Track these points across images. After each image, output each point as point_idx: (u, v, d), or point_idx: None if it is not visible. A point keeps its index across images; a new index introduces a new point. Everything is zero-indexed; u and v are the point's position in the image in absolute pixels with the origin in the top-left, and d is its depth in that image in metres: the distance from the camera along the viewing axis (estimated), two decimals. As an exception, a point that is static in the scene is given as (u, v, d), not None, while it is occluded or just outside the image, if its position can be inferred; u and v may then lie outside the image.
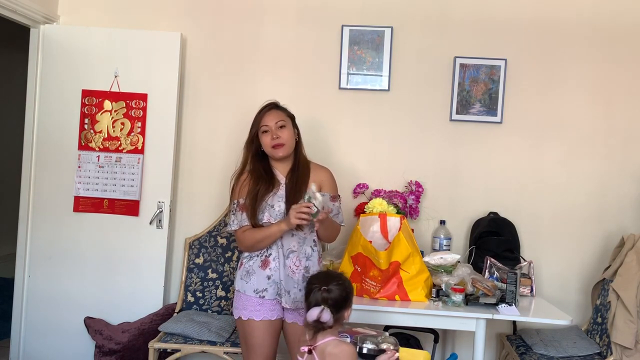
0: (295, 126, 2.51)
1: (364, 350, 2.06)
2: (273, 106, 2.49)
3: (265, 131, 2.43)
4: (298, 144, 2.51)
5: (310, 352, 2.02)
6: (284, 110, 2.51)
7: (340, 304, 2.05)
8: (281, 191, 2.42)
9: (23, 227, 3.39)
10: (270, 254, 2.40)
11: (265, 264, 2.39)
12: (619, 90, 3.33)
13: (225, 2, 3.44)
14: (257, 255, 2.41)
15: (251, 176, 2.45)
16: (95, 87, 3.32)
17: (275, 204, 2.39)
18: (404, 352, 2.24)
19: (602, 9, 3.32)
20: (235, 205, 2.45)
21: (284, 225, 2.31)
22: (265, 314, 2.38)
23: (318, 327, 2.01)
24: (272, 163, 2.50)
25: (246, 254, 2.45)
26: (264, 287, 2.38)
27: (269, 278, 2.38)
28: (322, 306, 2.01)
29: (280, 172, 2.48)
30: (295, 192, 2.38)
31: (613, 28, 3.31)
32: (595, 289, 3.12)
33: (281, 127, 2.43)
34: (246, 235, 2.39)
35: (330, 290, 2.04)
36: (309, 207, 2.22)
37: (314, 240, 2.47)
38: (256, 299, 2.38)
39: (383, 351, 2.07)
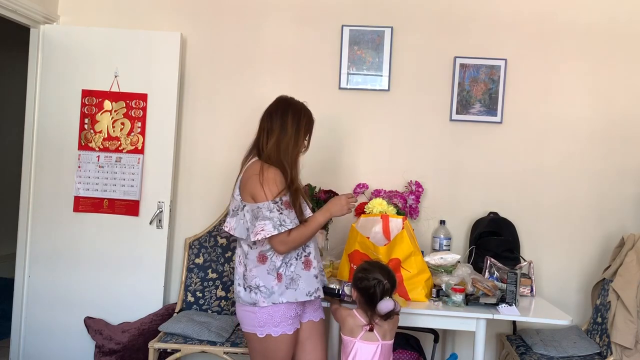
0: None
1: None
2: None
3: (308, 144, 2.39)
4: None
5: (371, 329, 2.30)
6: None
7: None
8: None
9: (23, 227, 3.39)
10: (309, 253, 2.31)
11: (307, 264, 2.30)
12: (618, 90, 3.33)
13: (225, 2, 3.44)
14: (296, 259, 2.28)
15: (286, 176, 2.25)
16: (95, 87, 3.32)
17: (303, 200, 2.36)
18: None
19: (602, 9, 3.31)
20: (280, 204, 2.18)
21: (332, 214, 2.32)
22: (295, 324, 2.30)
23: (389, 315, 2.29)
24: None
25: (279, 263, 2.23)
26: (316, 287, 2.29)
27: (316, 277, 2.31)
28: (392, 298, 2.28)
29: None
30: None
31: (613, 28, 3.32)
32: (595, 289, 3.12)
33: None
34: (293, 235, 2.19)
35: (390, 283, 2.30)
36: (354, 198, 2.37)
37: None
38: (293, 310, 2.26)
39: None
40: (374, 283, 2.27)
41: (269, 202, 2.18)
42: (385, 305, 2.25)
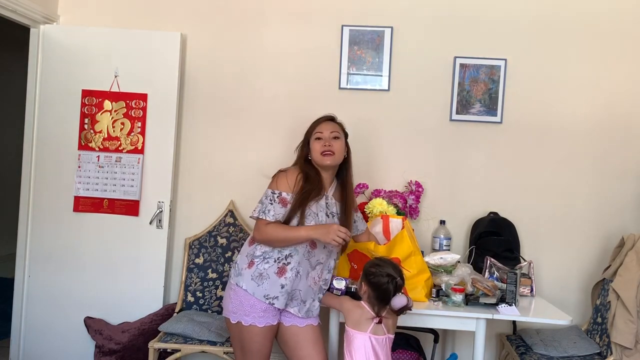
0: (347, 144, 2.55)
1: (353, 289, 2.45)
2: (330, 118, 2.56)
3: (318, 138, 2.45)
4: (347, 161, 2.54)
5: (380, 322, 2.33)
6: (340, 125, 2.56)
7: None
8: (323, 201, 2.42)
9: (23, 227, 3.39)
10: (289, 263, 2.34)
11: (281, 271, 2.33)
12: (619, 90, 3.33)
13: (226, 2, 3.44)
14: (275, 261, 2.34)
15: (305, 177, 2.39)
16: (95, 87, 3.32)
17: (319, 213, 2.38)
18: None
19: (603, 8, 3.32)
20: (275, 196, 2.36)
21: (314, 235, 2.29)
22: (268, 319, 2.34)
23: (402, 311, 2.33)
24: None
25: (259, 253, 2.36)
26: (275, 295, 2.32)
27: (282, 287, 2.32)
28: (404, 294, 2.33)
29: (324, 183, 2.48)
30: (346, 210, 2.47)
31: (613, 27, 3.31)
32: (595, 289, 3.12)
33: (335, 137, 2.47)
34: (269, 228, 2.32)
35: (402, 279, 2.34)
36: (348, 234, 2.30)
37: (337, 253, 2.53)
38: (264, 304, 2.32)
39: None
40: (387, 280, 2.29)
41: (269, 190, 2.39)
42: (399, 301, 2.30)
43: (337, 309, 2.49)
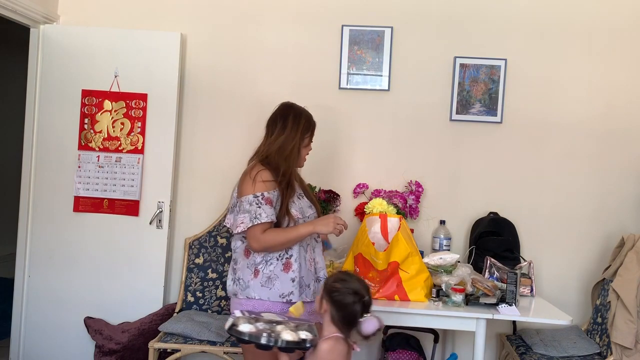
0: None
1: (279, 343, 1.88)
2: None
3: (308, 145, 2.48)
4: None
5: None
6: None
7: None
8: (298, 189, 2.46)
9: (23, 227, 3.39)
10: (291, 255, 2.32)
11: (287, 266, 2.31)
12: (618, 90, 3.33)
13: (225, 2, 3.44)
14: (277, 259, 2.31)
15: (275, 170, 2.33)
16: (95, 87, 3.32)
17: (296, 200, 2.38)
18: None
19: (602, 8, 3.32)
20: (260, 198, 2.25)
21: (317, 229, 2.30)
22: None
23: (371, 337, 1.96)
24: None
25: (259, 259, 2.31)
26: (290, 291, 2.29)
27: (292, 281, 2.30)
28: (375, 316, 1.97)
29: None
30: (305, 191, 2.50)
31: (613, 27, 3.31)
32: (595, 289, 3.12)
33: None
34: (268, 236, 2.23)
35: (369, 297, 2.02)
36: (344, 223, 2.33)
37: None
38: (279, 305, 2.28)
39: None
40: (353, 299, 1.97)
41: (249, 196, 2.27)
42: (371, 325, 1.94)
43: None
